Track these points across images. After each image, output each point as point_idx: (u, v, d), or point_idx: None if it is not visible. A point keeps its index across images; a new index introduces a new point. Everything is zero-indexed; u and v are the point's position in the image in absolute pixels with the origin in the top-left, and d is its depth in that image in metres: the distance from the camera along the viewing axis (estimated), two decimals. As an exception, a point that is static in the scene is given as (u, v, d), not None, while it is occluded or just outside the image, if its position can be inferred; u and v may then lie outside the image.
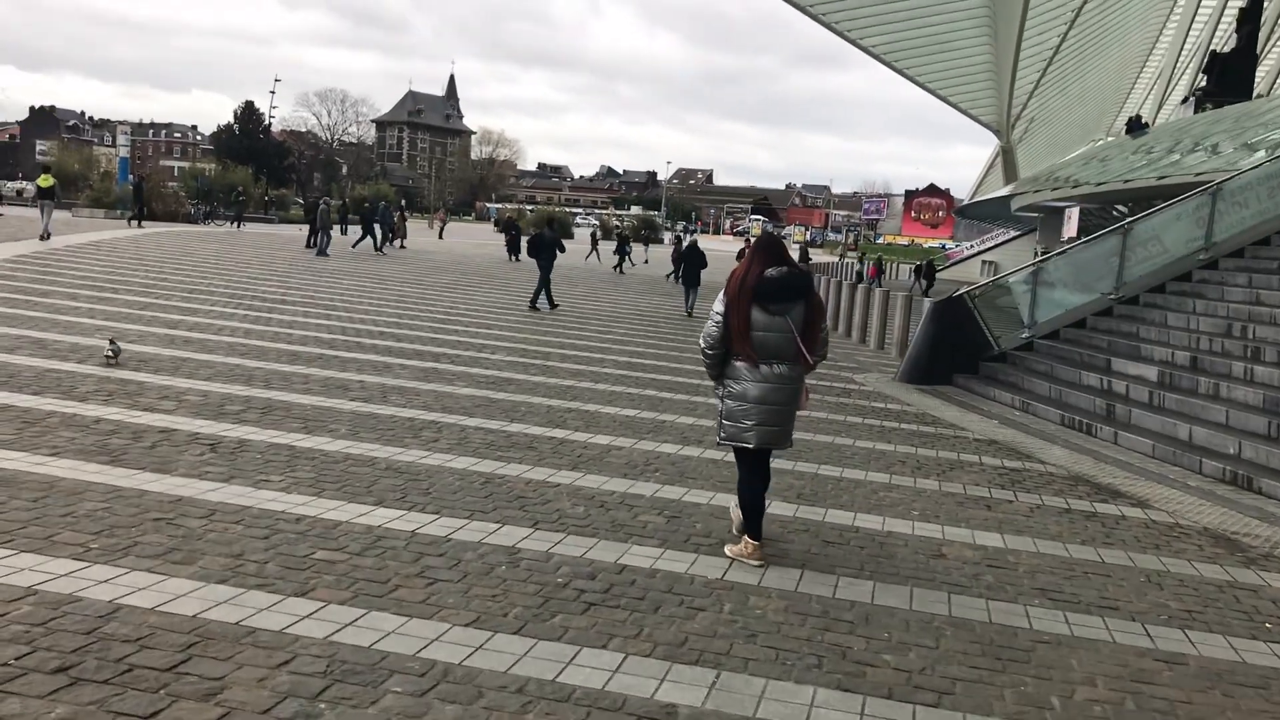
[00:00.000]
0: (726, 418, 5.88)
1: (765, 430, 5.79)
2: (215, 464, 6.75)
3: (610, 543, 5.84)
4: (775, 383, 5.77)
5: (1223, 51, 44.28)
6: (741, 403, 5.79)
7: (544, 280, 20.91)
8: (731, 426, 5.85)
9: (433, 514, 6.09)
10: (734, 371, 5.83)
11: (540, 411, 9.71)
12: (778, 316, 5.72)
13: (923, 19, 51.65)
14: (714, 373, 5.97)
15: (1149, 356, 12.66)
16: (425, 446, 7.81)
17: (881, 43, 52.57)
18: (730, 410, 5.85)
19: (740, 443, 5.85)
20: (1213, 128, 30.64)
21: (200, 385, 9.34)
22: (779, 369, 5.77)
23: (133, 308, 14.40)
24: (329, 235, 31.24)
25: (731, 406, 5.84)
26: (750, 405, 5.77)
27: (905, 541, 6.43)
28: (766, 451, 6.00)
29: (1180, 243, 15.30)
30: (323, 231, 31.36)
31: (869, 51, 52.54)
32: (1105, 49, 62.64)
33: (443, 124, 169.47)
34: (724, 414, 5.90)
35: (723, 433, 5.92)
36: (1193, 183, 23.44)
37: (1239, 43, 43.28)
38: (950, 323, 15.01)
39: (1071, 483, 8.70)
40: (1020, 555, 6.35)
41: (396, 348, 13.16)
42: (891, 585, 5.53)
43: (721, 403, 5.94)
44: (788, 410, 5.87)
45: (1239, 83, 41.94)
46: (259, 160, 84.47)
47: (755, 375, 5.76)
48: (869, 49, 52.34)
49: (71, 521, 5.34)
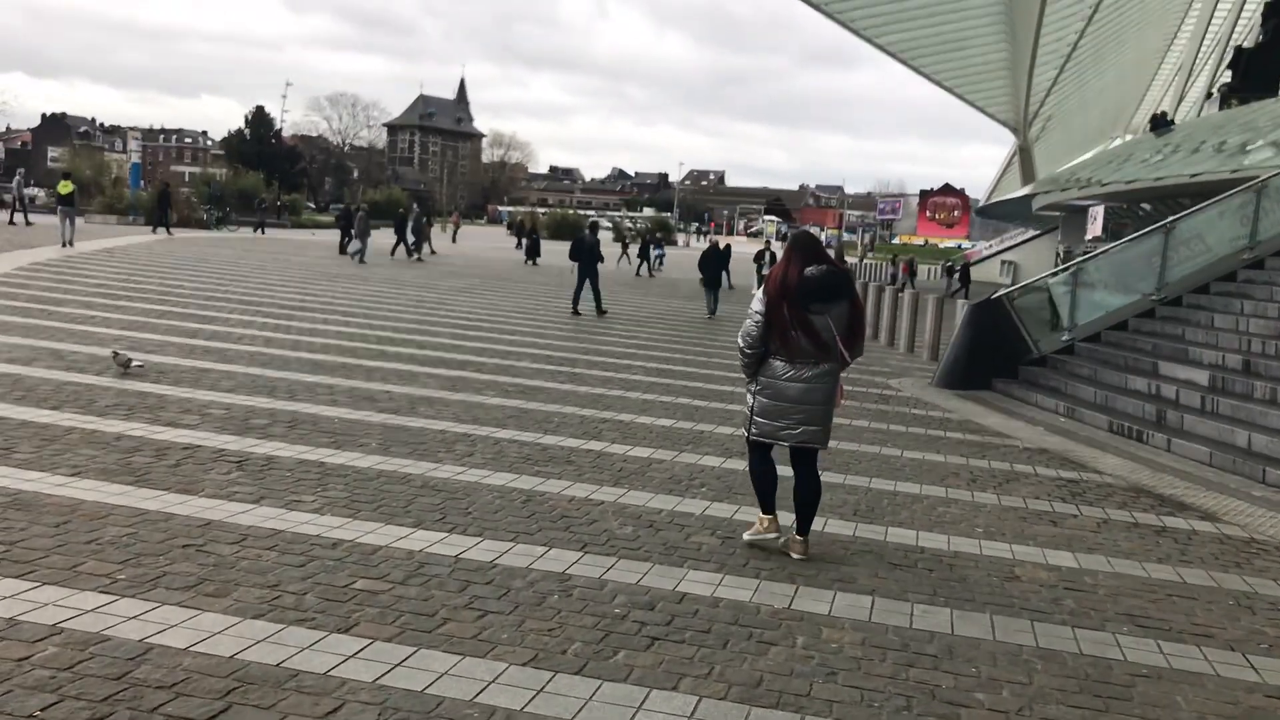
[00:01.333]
0: (760, 415, 5.84)
1: (806, 430, 5.78)
2: (243, 483, 6.42)
3: (665, 567, 5.49)
4: (814, 382, 5.74)
5: (1247, 47, 43.68)
6: (779, 402, 5.76)
7: (587, 283, 20.73)
8: (767, 424, 5.82)
9: (475, 536, 5.74)
10: (771, 370, 5.79)
11: (574, 422, 9.37)
12: (818, 316, 5.66)
13: (939, 16, 51.19)
14: (751, 371, 5.92)
15: (1197, 360, 12.25)
16: (460, 461, 7.47)
17: (898, 40, 52.10)
18: (765, 408, 5.81)
19: (777, 441, 5.85)
20: (1244, 124, 30.10)
21: (223, 398, 9.02)
22: (819, 368, 5.74)
23: (150, 315, 14.11)
24: (366, 242, 30.90)
25: (767, 404, 5.80)
26: (789, 404, 5.75)
27: (975, 562, 6.06)
28: (810, 452, 5.93)
29: (1224, 241, 14.88)
30: (360, 238, 30.90)
31: (885, 49, 52.08)
32: (1123, 46, 62.00)
33: (454, 127, 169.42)
34: (757, 411, 5.86)
35: (754, 429, 5.89)
36: (1229, 180, 22.99)
37: (1264, 37, 42.73)
38: (988, 326, 14.62)
39: (1133, 494, 8.32)
40: (1097, 576, 5.98)
41: (421, 355, 12.84)
42: (969, 613, 5.16)
43: (754, 399, 5.89)
44: (827, 409, 5.86)
45: (1265, 78, 41.38)
46: (270, 165, 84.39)
47: (794, 374, 5.72)
48: (885, 47, 51.88)
49: (96, 549, 5.01)
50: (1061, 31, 52.44)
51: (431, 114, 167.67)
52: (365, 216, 31.88)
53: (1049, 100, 60.84)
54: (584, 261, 20.72)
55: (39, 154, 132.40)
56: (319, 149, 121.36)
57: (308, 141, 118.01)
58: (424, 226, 37.14)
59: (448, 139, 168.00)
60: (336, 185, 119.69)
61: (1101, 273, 15.30)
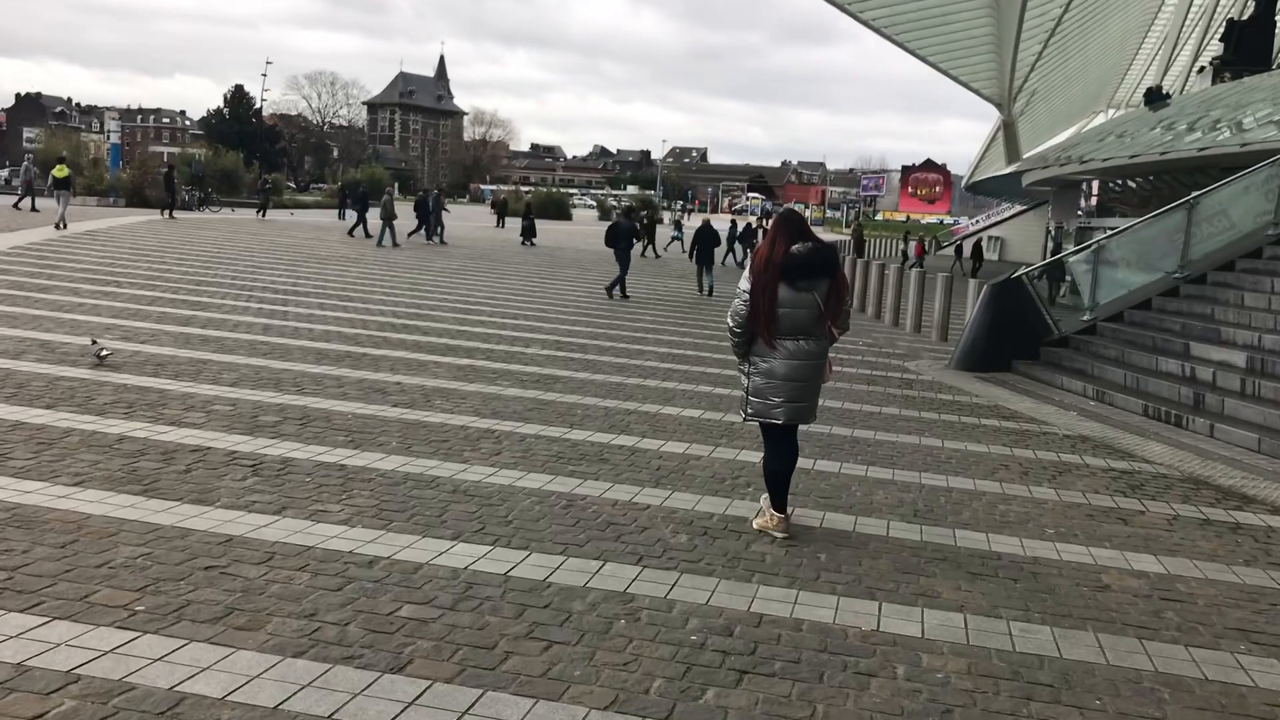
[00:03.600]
0: (754, 394, 5.87)
1: (794, 406, 5.83)
2: (261, 490, 5.91)
3: (733, 583, 5.02)
4: (802, 359, 5.78)
5: (1240, 20, 43.30)
6: (770, 379, 5.79)
7: (624, 269, 20.87)
8: (760, 403, 5.85)
9: (521, 549, 5.26)
10: (761, 349, 5.80)
11: (598, 415, 8.88)
12: (805, 293, 5.69)
13: (925, -10, 50.52)
14: (741, 351, 5.93)
15: (1231, 340, 11.84)
16: (488, 461, 6.98)
17: (882, 15, 51.42)
18: (758, 387, 5.84)
19: (769, 419, 5.87)
20: (1242, 98, 29.72)
21: (227, 392, 8.49)
22: (805, 344, 5.77)
23: (140, 302, 13.53)
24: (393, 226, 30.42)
25: (759, 383, 5.83)
26: (779, 382, 5.77)
27: (1058, 569, 5.62)
28: (793, 427, 5.97)
29: (1249, 217, 14.48)
30: (386, 222, 30.29)
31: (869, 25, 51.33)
32: (1107, 19, 61.52)
33: (434, 105, 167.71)
34: (751, 390, 5.89)
35: (749, 409, 5.94)
36: (1237, 153, 22.62)
37: (1257, 10, 42.39)
38: (1008, 306, 14.19)
39: (1192, 486, 7.90)
40: (1189, 583, 5.54)
41: (425, 342, 12.31)
42: (1071, 630, 4.71)
43: (748, 379, 5.91)
44: (814, 385, 5.91)
45: (1257, 51, 41.07)
46: (250, 145, 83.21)
47: (783, 352, 5.75)
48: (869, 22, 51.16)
49: (109, 574, 4.50)
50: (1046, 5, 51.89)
51: (412, 91, 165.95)
52: (390, 200, 31.50)
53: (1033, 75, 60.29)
54: (620, 248, 20.90)
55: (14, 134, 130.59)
56: (298, 128, 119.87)
57: (287, 120, 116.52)
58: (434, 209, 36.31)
59: (428, 117, 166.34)
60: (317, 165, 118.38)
61: (1123, 250, 14.87)
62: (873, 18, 51.24)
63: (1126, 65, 76.90)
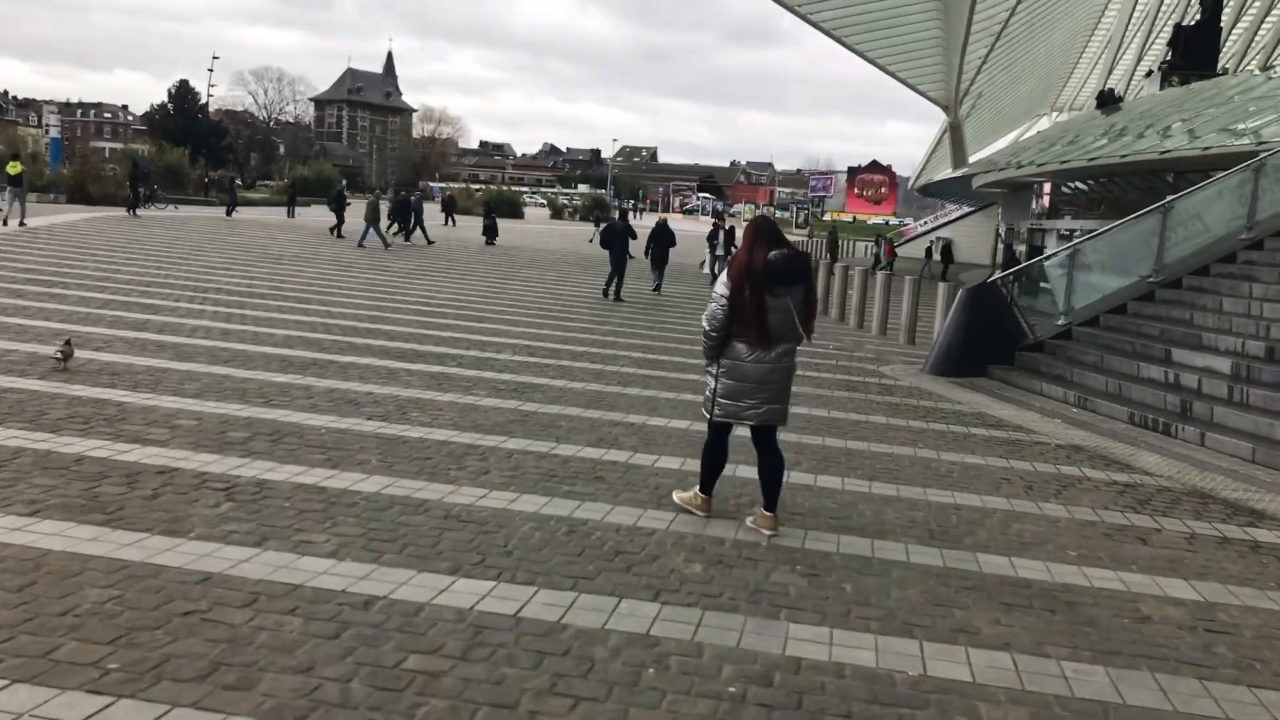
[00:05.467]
0: (723, 396, 5.95)
1: (769, 408, 5.94)
2: (237, 518, 5.44)
3: (761, 620, 4.65)
4: (775, 362, 5.90)
5: (1187, 25, 43.80)
6: (743, 383, 5.89)
7: (620, 271, 21.00)
8: (730, 405, 5.95)
9: (527, 584, 4.85)
10: (734, 352, 5.90)
11: (584, 427, 8.47)
12: (780, 299, 5.81)
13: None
14: (713, 354, 6.01)
15: (1214, 346, 11.70)
16: (476, 482, 6.55)
17: (830, 17, 51.37)
18: (728, 389, 5.93)
19: (739, 420, 5.98)
20: (1199, 101, 29.94)
21: (190, 405, 7.96)
22: (778, 349, 5.89)
23: (90, 305, 12.88)
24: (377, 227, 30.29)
25: (731, 386, 5.92)
26: (753, 385, 5.88)
27: (1091, 597, 5.31)
28: (769, 429, 6.06)
29: (1222, 222, 14.42)
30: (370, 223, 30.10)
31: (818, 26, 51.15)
32: (1052, 23, 62.14)
33: (383, 102, 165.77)
34: (720, 393, 5.97)
35: (718, 410, 6.01)
36: (1201, 157, 22.70)
37: (1203, 16, 42.90)
38: (983, 310, 13.98)
39: (1199, 500, 7.67)
40: (1230, 612, 5.27)
41: (393, 348, 11.81)
42: (1125, 670, 4.40)
43: (716, 381, 5.99)
44: (786, 387, 6.05)
45: (1204, 56, 41.59)
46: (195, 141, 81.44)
47: (757, 356, 5.85)
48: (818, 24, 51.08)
49: (74, 624, 4.02)
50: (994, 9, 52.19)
51: (360, 88, 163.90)
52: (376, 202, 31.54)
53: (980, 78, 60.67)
54: (616, 249, 21.05)
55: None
56: (244, 124, 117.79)
57: (233, 117, 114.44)
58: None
59: (377, 114, 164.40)
60: (263, 161, 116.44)
61: (1098, 254, 14.76)
62: (822, 19, 51.16)
63: (1071, 69, 77.84)
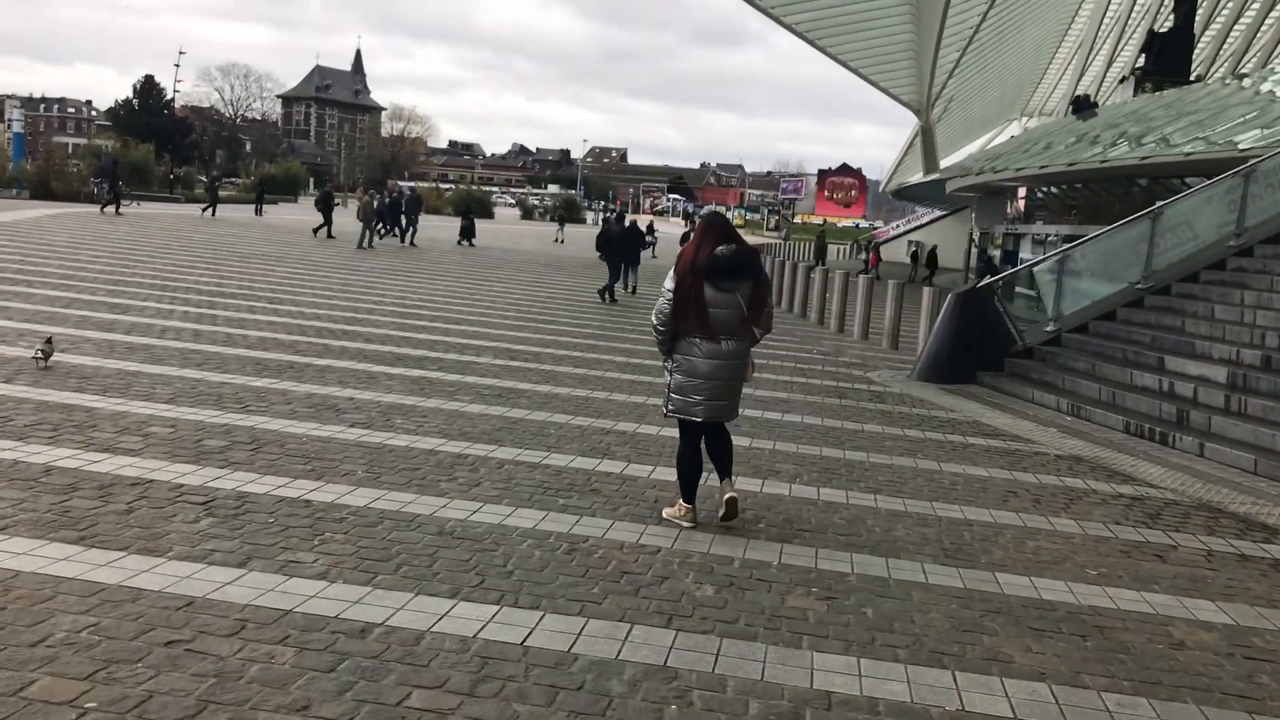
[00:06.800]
0: (675, 391, 6.01)
1: (714, 404, 5.97)
2: (218, 535, 5.10)
3: (783, 649, 4.37)
4: (723, 358, 5.92)
5: (1160, 31, 44.03)
6: (691, 378, 5.93)
7: (613, 270, 21.09)
8: (681, 400, 6.00)
9: (531, 609, 4.54)
10: (684, 347, 5.95)
11: (574, 435, 8.18)
12: (727, 294, 5.83)
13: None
14: (665, 348, 6.07)
15: (1207, 354, 11.55)
16: (469, 495, 6.24)
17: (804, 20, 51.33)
18: (680, 385, 5.98)
19: (689, 416, 6.00)
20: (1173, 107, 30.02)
21: (164, 410, 7.59)
22: (727, 344, 5.91)
23: (56, 304, 12.43)
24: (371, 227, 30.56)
25: (681, 381, 5.97)
26: (700, 380, 5.91)
27: (1121, 621, 5.08)
28: (717, 424, 6.11)
29: (1211, 228, 14.31)
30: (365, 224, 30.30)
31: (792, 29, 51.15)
32: (1023, 28, 62.51)
33: (352, 100, 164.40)
34: (673, 388, 6.03)
35: (671, 405, 6.08)
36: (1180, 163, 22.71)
37: (1177, 22, 43.12)
38: (972, 316, 13.80)
39: (1209, 515, 7.47)
40: (1265, 637, 5.04)
41: (371, 351, 11.46)
42: (1169, 703, 4.16)
43: (670, 377, 6.06)
44: (735, 384, 6.08)
45: (1177, 63, 41.80)
46: (160, 137, 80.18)
47: (705, 351, 5.89)
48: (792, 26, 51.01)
49: (48, 656, 3.68)
50: (965, 14, 52.37)
51: (328, 86, 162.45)
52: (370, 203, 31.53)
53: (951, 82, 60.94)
54: (612, 252, 21.06)
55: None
56: (210, 120, 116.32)
57: (199, 113, 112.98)
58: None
59: (345, 112, 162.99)
60: (229, 158, 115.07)
61: (1087, 260, 14.61)
62: (795, 22, 51.15)
63: (1041, 74, 78.34)
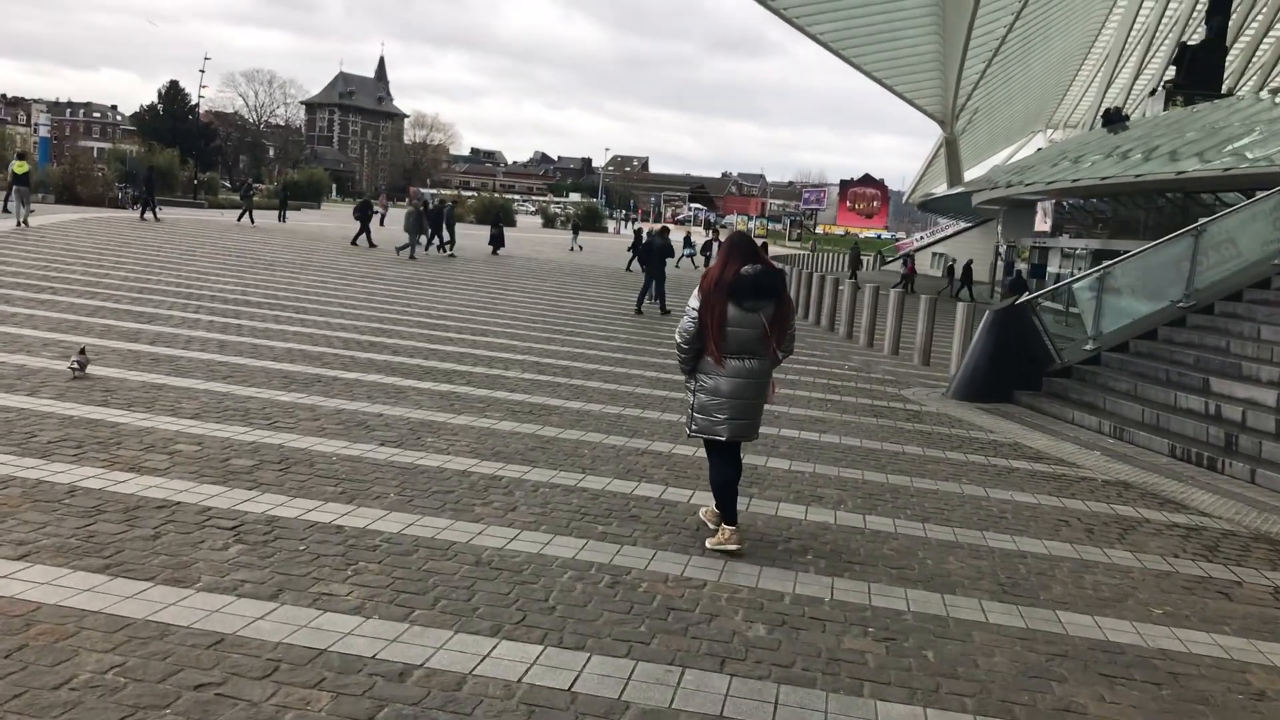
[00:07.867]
0: (699, 411, 5.99)
1: (736, 423, 5.95)
2: (249, 564, 4.89)
3: (845, 697, 4.12)
4: (746, 377, 5.91)
5: (1191, 44, 43.55)
6: (714, 397, 5.91)
7: (658, 283, 21.70)
8: (704, 420, 5.97)
9: (576, 649, 4.31)
10: (707, 366, 5.95)
11: (609, 456, 7.95)
12: (751, 313, 5.84)
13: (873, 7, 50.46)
14: (688, 367, 6.08)
15: (1255, 376, 11.25)
16: (504, 520, 6.02)
17: (829, 30, 51.16)
18: (703, 404, 5.96)
19: (713, 435, 5.98)
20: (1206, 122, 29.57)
21: (190, 426, 7.40)
22: (750, 364, 5.90)
23: (79, 312, 12.30)
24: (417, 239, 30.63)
25: (704, 400, 5.96)
26: (723, 399, 5.90)
27: (1195, 666, 4.81)
28: (737, 444, 6.10)
29: (1256, 246, 14.00)
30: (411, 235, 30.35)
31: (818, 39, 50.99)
32: (1049, 40, 62.12)
33: (375, 106, 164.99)
34: (696, 407, 6.01)
35: (694, 425, 6.06)
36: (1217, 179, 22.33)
37: (1208, 34, 42.65)
38: (1010, 333, 13.52)
39: (1271, 548, 7.18)
40: (1347, 686, 4.77)
41: (398, 364, 11.27)
42: (1260, 763, 3.91)
43: (694, 396, 6.03)
44: (757, 404, 6.04)
45: (1209, 76, 41.34)
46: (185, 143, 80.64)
47: (728, 370, 5.88)
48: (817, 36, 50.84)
49: (71, 701, 3.48)
50: (991, 25, 52.06)
51: (352, 92, 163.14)
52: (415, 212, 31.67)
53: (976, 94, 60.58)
54: (654, 264, 21.71)
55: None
56: (234, 126, 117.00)
57: (223, 118, 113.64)
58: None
59: (368, 118, 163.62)
60: (252, 164, 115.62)
61: (1128, 278, 14.30)
62: (821, 33, 50.99)
63: (1066, 86, 77.83)
